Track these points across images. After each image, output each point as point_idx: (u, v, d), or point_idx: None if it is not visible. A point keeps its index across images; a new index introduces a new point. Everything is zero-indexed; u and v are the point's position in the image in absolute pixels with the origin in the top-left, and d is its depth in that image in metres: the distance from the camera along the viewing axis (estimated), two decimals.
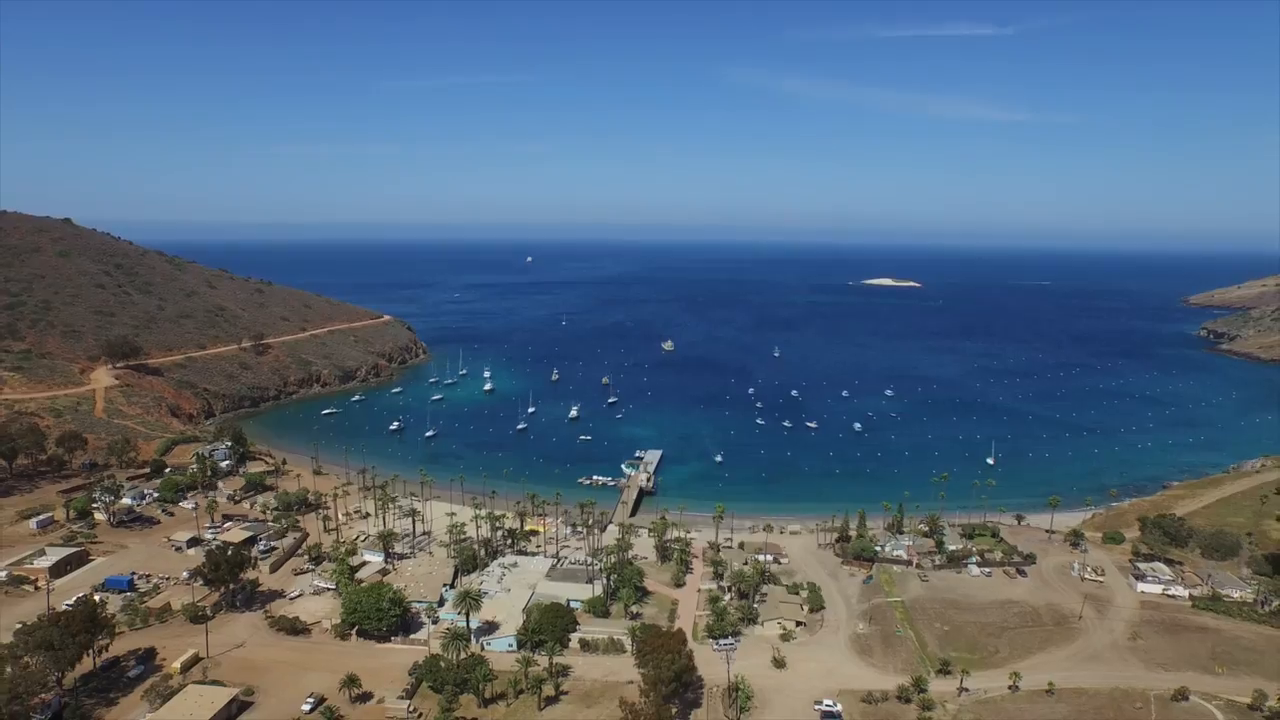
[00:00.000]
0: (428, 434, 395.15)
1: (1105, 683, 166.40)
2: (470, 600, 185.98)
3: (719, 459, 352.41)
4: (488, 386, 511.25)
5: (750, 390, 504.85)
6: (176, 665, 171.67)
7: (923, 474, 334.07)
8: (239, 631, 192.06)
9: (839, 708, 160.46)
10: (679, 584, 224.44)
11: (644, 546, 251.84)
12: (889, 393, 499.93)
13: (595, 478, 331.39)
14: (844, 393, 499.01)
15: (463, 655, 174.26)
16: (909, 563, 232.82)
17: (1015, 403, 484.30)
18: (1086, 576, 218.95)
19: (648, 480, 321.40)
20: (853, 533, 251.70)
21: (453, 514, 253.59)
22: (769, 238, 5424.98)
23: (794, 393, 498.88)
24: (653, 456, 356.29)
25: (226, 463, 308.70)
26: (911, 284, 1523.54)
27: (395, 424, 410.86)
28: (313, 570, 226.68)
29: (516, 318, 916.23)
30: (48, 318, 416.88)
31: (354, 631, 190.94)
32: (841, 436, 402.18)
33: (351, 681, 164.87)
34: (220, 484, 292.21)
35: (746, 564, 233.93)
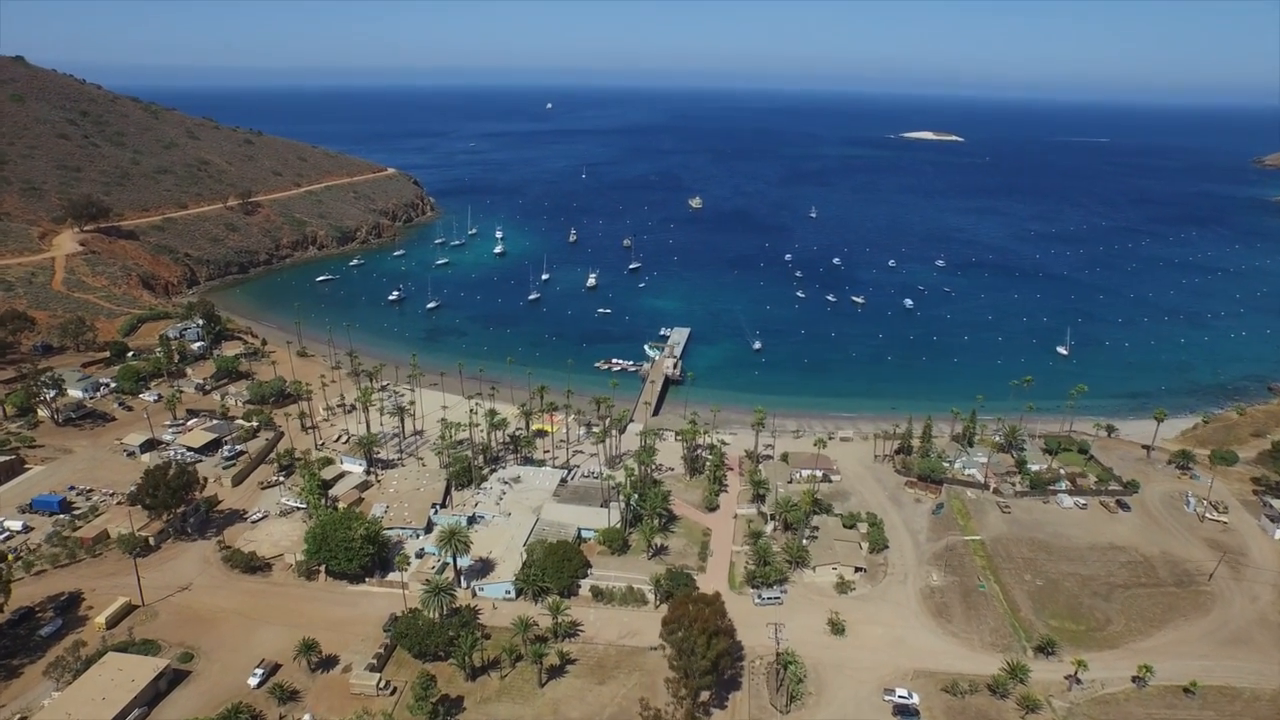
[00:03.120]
0: (429, 305, 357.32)
1: (1264, 681, 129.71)
2: (458, 543, 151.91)
3: (757, 346, 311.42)
4: (499, 249, 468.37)
5: (787, 256, 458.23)
6: (101, 620, 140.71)
7: (986, 363, 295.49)
8: (186, 568, 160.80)
9: (916, 699, 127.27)
10: (711, 507, 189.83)
11: (669, 452, 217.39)
12: (940, 263, 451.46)
13: (614, 361, 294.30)
14: (890, 261, 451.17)
15: (449, 609, 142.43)
16: (985, 486, 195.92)
17: (1079, 275, 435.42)
18: (1206, 515, 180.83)
19: (674, 366, 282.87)
20: (914, 442, 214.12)
21: (444, 417, 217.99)
22: (800, 85, 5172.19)
23: (836, 260, 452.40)
24: (680, 335, 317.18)
25: (198, 344, 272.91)
26: (953, 138, 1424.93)
27: (394, 293, 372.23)
28: (281, 483, 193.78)
29: (534, 169, 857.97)
30: (2, 172, 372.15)
31: (322, 569, 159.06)
32: (891, 314, 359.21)
33: (309, 648, 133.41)
34: (189, 371, 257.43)
35: (792, 481, 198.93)
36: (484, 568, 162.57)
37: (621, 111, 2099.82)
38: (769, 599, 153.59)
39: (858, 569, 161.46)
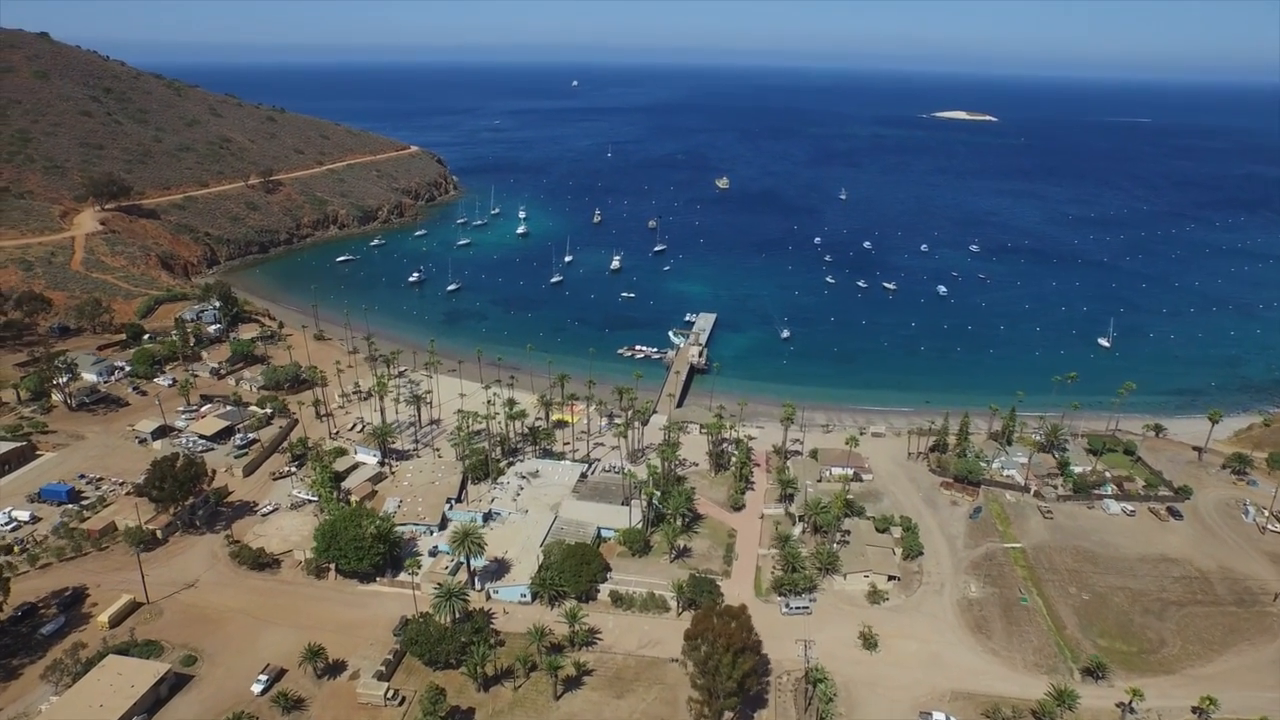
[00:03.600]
0: (450, 287, 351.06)
1: None
2: (472, 544, 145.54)
3: (785, 334, 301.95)
4: (521, 229, 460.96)
5: (816, 239, 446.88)
6: (104, 619, 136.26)
7: (1024, 355, 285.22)
8: (193, 564, 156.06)
9: None
10: (737, 507, 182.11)
11: (693, 446, 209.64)
12: (974, 248, 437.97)
13: (638, 347, 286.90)
14: (923, 246, 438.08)
15: (461, 613, 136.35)
16: (1025, 489, 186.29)
17: (1121, 262, 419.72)
18: (1268, 527, 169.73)
19: (699, 355, 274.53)
20: (950, 440, 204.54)
21: (462, 407, 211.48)
22: (829, 63, 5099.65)
23: (866, 244, 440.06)
24: (705, 322, 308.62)
25: (215, 327, 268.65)
26: (987, 118, 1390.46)
27: (415, 275, 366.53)
28: (293, 474, 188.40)
29: (559, 147, 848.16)
30: (26, 150, 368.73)
31: (332, 567, 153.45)
32: (924, 302, 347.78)
33: (315, 654, 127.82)
34: (205, 354, 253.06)
35: (821, 480, 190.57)
36: (499, 569, 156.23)
37: (648, 89, 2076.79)
38: (797, 608, 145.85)
39: (891, 577, 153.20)
